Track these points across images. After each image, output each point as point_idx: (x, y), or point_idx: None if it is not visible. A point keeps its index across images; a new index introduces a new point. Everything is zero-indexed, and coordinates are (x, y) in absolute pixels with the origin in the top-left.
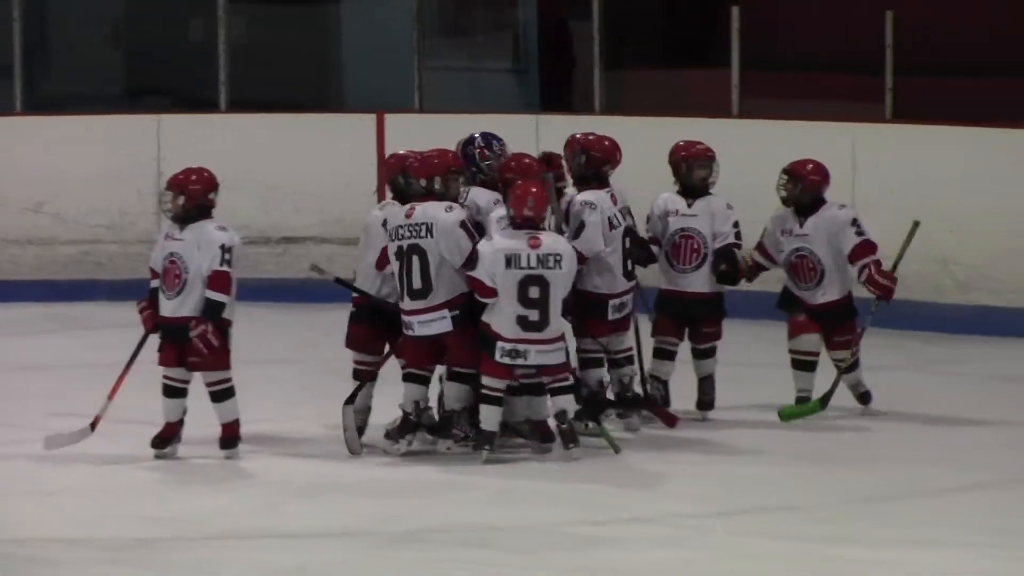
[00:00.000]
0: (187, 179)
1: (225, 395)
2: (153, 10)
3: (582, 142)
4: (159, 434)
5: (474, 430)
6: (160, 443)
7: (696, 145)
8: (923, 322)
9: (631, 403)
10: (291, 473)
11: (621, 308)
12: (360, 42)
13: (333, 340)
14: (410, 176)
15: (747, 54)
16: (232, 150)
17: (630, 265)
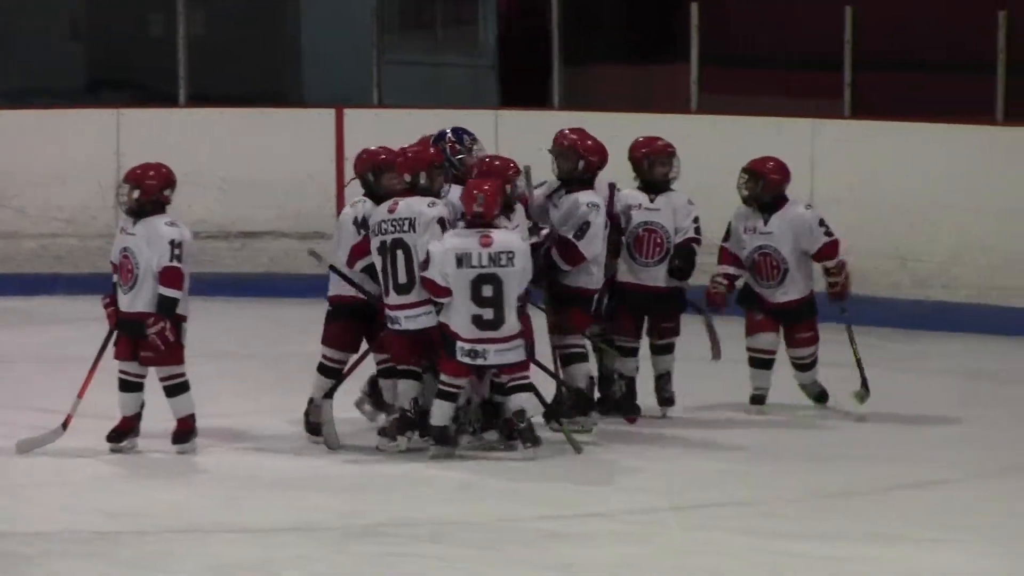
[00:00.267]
0: (144, 174)
1: (178, 390)
2: (113, 4)
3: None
4: (115, 428)
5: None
6: (116, 437)
7: (656, 141)
8: (881, 318)
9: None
10: (251, 467)
11: (599, 303)
12: (320, 37)
13: (292, 334)
14: (382, 173)
15: (706, 50)
16: (191, 144)
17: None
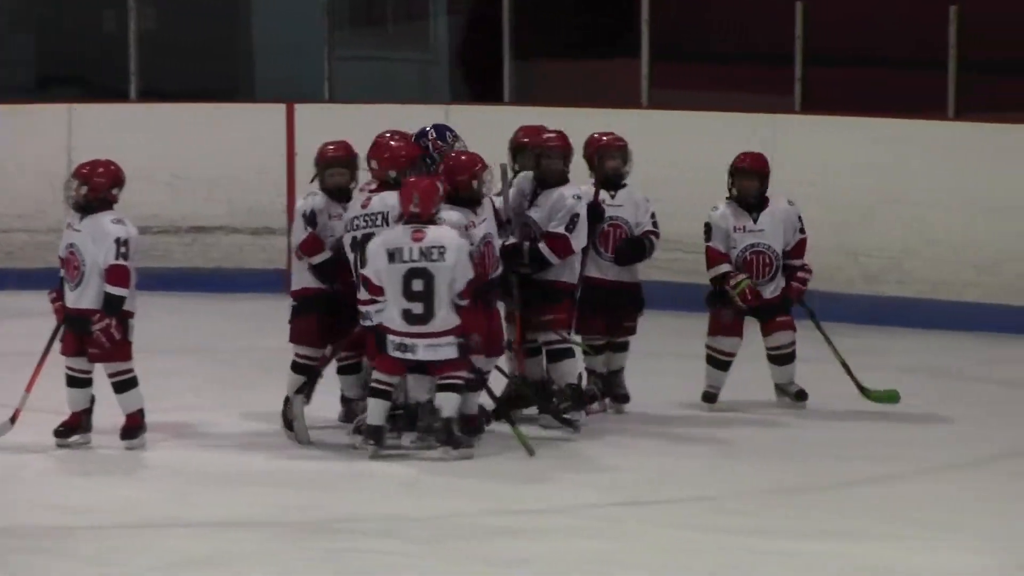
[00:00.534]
0: (93, 171)
1: (126, 386)
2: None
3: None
4: (63, 423)
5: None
6: (64, 433)
7: (607, 135)
8: (834, 313)
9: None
10: (202, 463)
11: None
12: (271, 32)
13: (243, 330)
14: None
15: (657, 45)
16: (142, 140)
17: None
